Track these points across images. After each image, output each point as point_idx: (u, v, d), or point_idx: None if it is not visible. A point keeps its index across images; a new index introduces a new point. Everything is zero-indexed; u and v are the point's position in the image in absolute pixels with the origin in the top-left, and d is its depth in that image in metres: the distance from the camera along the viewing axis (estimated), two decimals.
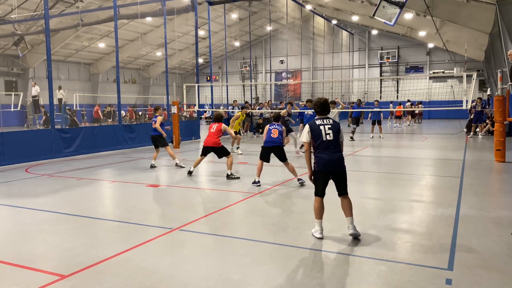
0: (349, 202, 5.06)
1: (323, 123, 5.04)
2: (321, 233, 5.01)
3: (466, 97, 12.38)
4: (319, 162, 4.97)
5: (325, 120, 5.07)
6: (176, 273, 4.06)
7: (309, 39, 40.64)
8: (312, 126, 5.05)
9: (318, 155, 4.99)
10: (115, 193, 8.19)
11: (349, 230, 4.96)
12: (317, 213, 5.05)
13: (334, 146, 4.97)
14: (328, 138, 4.96)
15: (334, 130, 5.01)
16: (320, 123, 5.05)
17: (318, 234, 5.00)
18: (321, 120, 5.09)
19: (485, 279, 3.83)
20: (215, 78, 45.87)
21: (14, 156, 11.42)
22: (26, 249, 4.80)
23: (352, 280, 3.85)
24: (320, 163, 4.96)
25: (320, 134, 4.98)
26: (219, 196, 7.52)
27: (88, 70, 39.19)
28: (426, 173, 9.72)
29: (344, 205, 5.06)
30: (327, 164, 4.94)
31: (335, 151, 4.97)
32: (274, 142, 8.35)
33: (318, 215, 5.05)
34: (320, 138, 4.97)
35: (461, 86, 28.34)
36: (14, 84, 32.76)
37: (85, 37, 32.68)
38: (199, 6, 22.60)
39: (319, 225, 5.04)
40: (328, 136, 4.96)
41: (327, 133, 4.97)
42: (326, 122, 5.06)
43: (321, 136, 4.97)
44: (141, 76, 43.91)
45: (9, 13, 24.44)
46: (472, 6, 19.58)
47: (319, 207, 5.04)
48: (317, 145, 4.99)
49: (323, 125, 5.02)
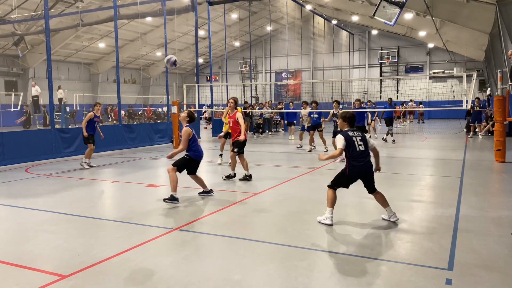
0: (381, 195, 5.67)
1: (355, 135, 5.54)
2: (331, 220, 5.47)
3: (466, 97, 12.38)
4: (351, 170, 5.49)
5: (356, 132, 5.59)
6: (176, 273, 4.06)
7: (309, 39, 40.66)
8: (346, 137, 5.50)
9: (352, 162, 5.48)
10: (115, 193, 8.19)
11: (391, 218, 5.60)
12: (331, 202, 5.53)
13: (365, 156, 5.51)
14: (360, 149, 5.48)
15: (364, 141, 5.55)
16: (352, 134, 5.54)
17: (329, 221, 5.46)
18: (352, 132, 5.57)
19: (485, 279, 3.83)
20: (215, 78, 45.88)
21: (14, 156, 11.42)
22: (26, 249, 4.80)
23: (352, 280, 3.85)
24: (352, 170, 5.49)
25: (354, 144, 5.46)
26: (219, 196, 7.52)
27: (88, 70, 39.20)
28: (426, 173, 9.72)
29: (378, 199, 5.69)
30: (358, 172, 5.51)
31: (366, 160, 5.52)
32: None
33: (331, 204, 5.53)
34: (354, 148, 5.46)
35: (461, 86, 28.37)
36: (14, 84, 32.77)
37: (85, 37, 32.69)
38: (199, 6, 22.61)
39: (330, 213, 5.50)
40: (360, 147, 5.48)
41: (359, 144, 5.48)
42: (357, 134, 5.57)
43: (354, 147, 5.46)
44: (141, 76, 43.92)
45: (9, 13, 24.45)
46: (472, 6, 19.59)
47: (333, 197, 5.55)
48: (350, 154, 5.47)
49: (355, 137, 5.52)
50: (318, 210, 6.04)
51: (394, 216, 5.59)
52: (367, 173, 5.54)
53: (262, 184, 8.35)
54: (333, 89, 36.63)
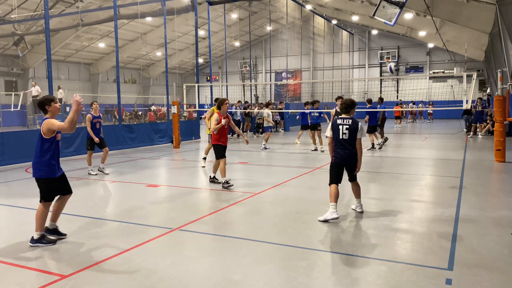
0: (358, 187, 6.00)
1: (343, 123, 5.72)
2: (336, 213, 5.56)
3: (466, 97, 12.38)
4: (336, 157, 5.78)
5: (346, 121, 5.73)
6: (176, 273, 4.06)
7: (309, 39, 40.65)
8: (333, 125, 5.82)
9: (337, 150, 5.77)
10: (115, 193, 8.19)
11: (357, 209, 6.05)
12: (333, 197, 5.63)
13: (349, 144, 5.70)
14: (344, 137, 5.68)
15: (350, 131, 5.67)
16: (340, 122, 5.75)
17: (335, 215, 5.54)
18: (342, 120, 5.75)
19: (485, 279, 3.83)
20: (215, 78, 45.89)
21: (14, 156, 11.41)
22: (26, 249, 4.80)
23: (352, 280, 3.85)
24: (336, 157, 5.78)
25: (338, 132, 5.71)
26: (219, 196, 7.52)
27: (88, 70, 39.19)
28: (426, 173, 9.71)
29: (354, 189, 6.03)
30: (341, 159, 5.74)
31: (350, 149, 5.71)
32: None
33: (333, 199, 5.62)
34: (338, 135, 5.71)
35: (461, 86, 28.38)
36: (14, 84, 32.75)
37: (85, 37, 32.69)
38: (199, 6, 22.61)
39: (334, 207, 5.57)
40: (344, 136, 5.68)
41: (343, 132, 5.67)
42: (345, 122, 5.72)
43: (338, 134, 5.71)
44: (141, 76, 43.91)
45: (9, 13, 24.45)
46: (472, 6, 19.57)
47: (335, 192, 5.66)
48: (335, 141, 5.79)
49: (342, 125, 5.71)
50: (318, 210, 6.05)
51: (360, 208, 6.06)
52: (349, 162, 5.78)
53: (262, 184, 8.35)
54: (333, 89, 36.64)
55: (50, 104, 4.94)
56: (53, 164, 4.97)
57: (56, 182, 5.02)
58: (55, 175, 4.99)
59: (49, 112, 4.95)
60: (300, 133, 16.94)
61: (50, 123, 4.82)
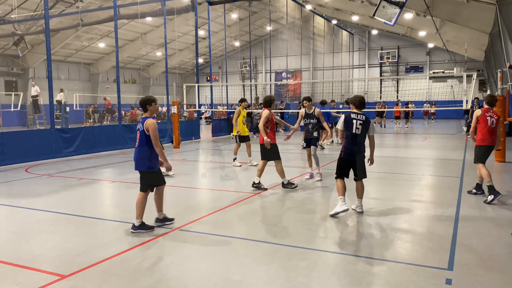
0: (363, 187, 5.96)
1: (357, 118, 5.76)
2: (346, 205, 5.67)
3: (466, 97, 12.38)
4: (345, 152, 5.81)
5: (360, 116, 5.78)
6: (176, 273, 4.06)
7: (309, 39, 40.63)
8: (347, 117, 5.80)
9: (347, 145, 5.79)
10: (115, 193, 8.19)
11: (357, 209, 6.00)
12: (341, 191, 5.76)
13: (360, 139, 5.73)
14: (356, 132, 5.72)
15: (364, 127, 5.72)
16: (354, 117, 5.77)
17: (344, 207, 5.66)
18: (356, 114, 5.79)
19: (485, 279, 3.83)
20: (215, 78, 45.86)
21: (14, 156, 11.41)
22: (26, 249, 4.80)
23: (352, 280, 3.85)
24: (346, 152, 5.81)
25: (352, 125, 5.72)
26: (219, 196, 7.52)
27: (88, 70, 39.20)
28: (426, 173, 9.71)
29: (358, 188, 5.99)
30: (351, 154, 5.78)
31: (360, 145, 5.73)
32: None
33: (341, 192, 5.75)
34: (351, 129, 5.72)
35: (461, 86, 28.37)
36: (14, 84, 32.75)
37: (85, 37, 32.68)
38: (199, 6, 22.60)
39: (342, 200, 5.70)
40: (357, 131, 5.72)
41: (357, 127, 5.72)
42: (360, 117, 5.76)
43: (351, 128, 5.72)
44: (141, 76, 43.90)
45: (9, 13, 24.44)
46: (472, 6, 19.58)
47: (342, 186, 5.80)
48: (347, 135, 5.79)
49: (356, 120, 5.74)
50: (318, 210, 6.05)
51: (361, 208, 6.03)
52: (358, 158, 5.82)
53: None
54: (333, 89, 36.61)
55: (151, 104, 5.40)
56: (156, 157, 5.47)
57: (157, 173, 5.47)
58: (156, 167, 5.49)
59: (149, 111, 5.42)
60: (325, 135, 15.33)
61: (155, 129, 5.44)
